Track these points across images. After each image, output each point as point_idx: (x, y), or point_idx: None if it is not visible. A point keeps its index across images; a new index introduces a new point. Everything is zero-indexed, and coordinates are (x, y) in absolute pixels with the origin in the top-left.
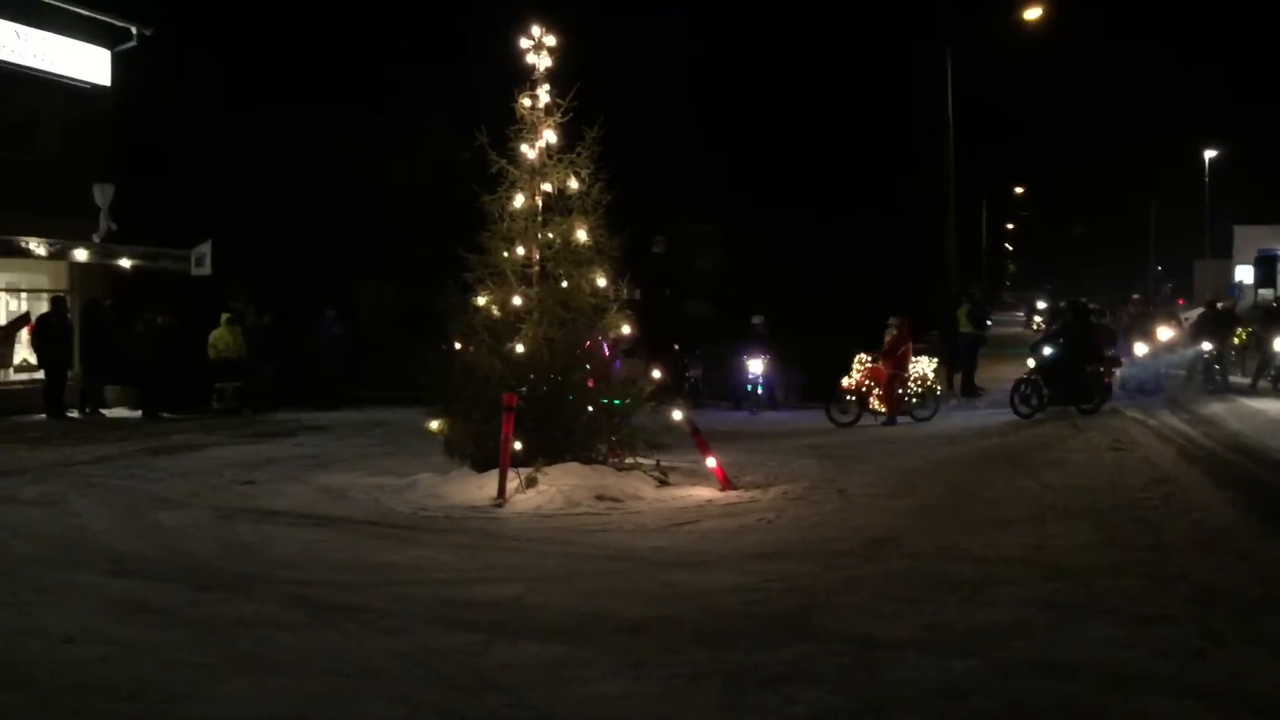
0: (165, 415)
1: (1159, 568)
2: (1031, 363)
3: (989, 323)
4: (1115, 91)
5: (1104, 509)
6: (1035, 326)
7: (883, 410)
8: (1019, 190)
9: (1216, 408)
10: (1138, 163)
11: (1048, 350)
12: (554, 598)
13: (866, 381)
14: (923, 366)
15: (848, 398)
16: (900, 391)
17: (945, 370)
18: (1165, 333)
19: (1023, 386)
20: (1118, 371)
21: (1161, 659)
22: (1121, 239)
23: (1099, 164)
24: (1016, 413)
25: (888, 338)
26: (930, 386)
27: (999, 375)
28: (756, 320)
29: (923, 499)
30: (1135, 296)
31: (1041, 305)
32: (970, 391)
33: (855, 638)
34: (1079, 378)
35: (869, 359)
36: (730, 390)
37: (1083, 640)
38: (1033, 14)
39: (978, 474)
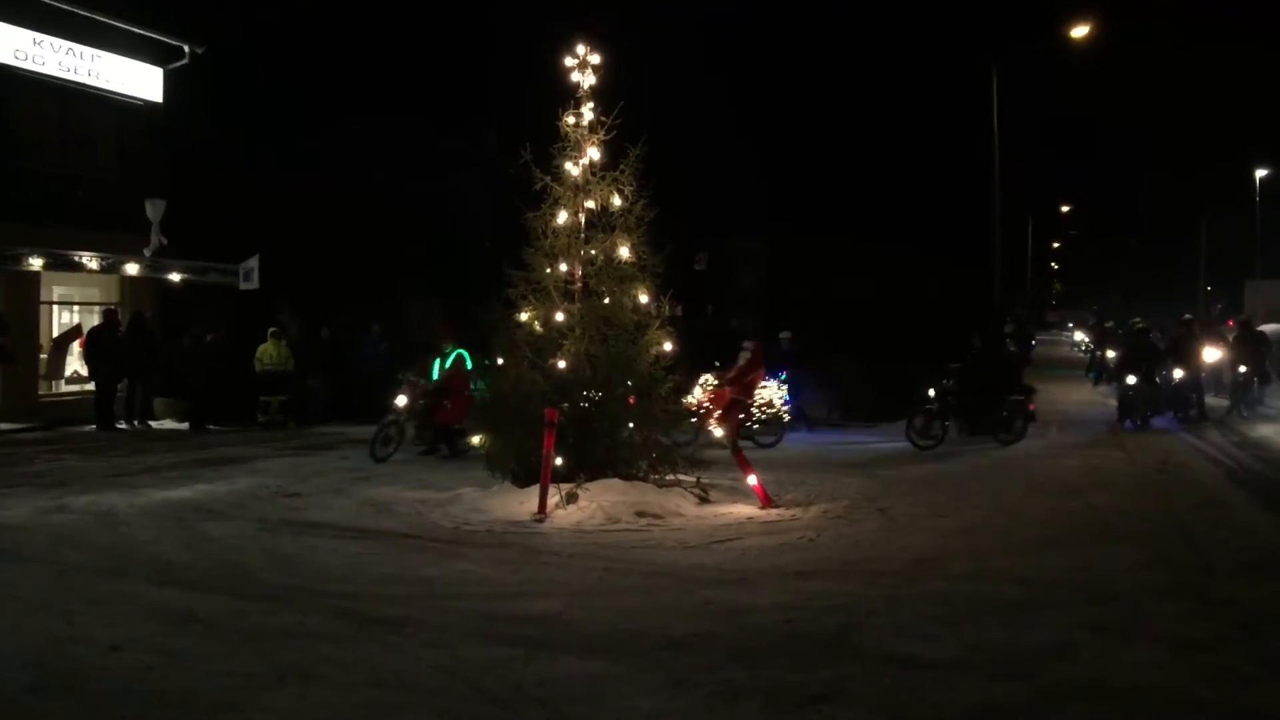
0: (212, 428)
1: (1207, 591)
2: (931, 392)
3: (1033, 342)
4: (1167, 106)
5: (1151, 531)
6: (1084, 349)
7: (720, 434)
8: (1065, 208)
9: (1265, 430)
10: (1189, 181)
11: (948, 381)
12: (594, 613)
13: (707, 404)
14: (770, 393)
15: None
16: (742, 416)
17: None
18: (1212, 354)
19: (919, 418)
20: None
21: (1208, 685)
22: (1171, 258)
23: (1148, 181)
24: (915, 445)
25: (741, 361)
26: (776, 413)
27: (1045, 396)
28: (784, 336)
29: (966, 519)
30: (1186, 317)
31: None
32: None
33: (896, 658)
34: (997, 407)
35: (715, 381)
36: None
37: (1128, 664)
38: (1080, 31)
39: (1023, 494)
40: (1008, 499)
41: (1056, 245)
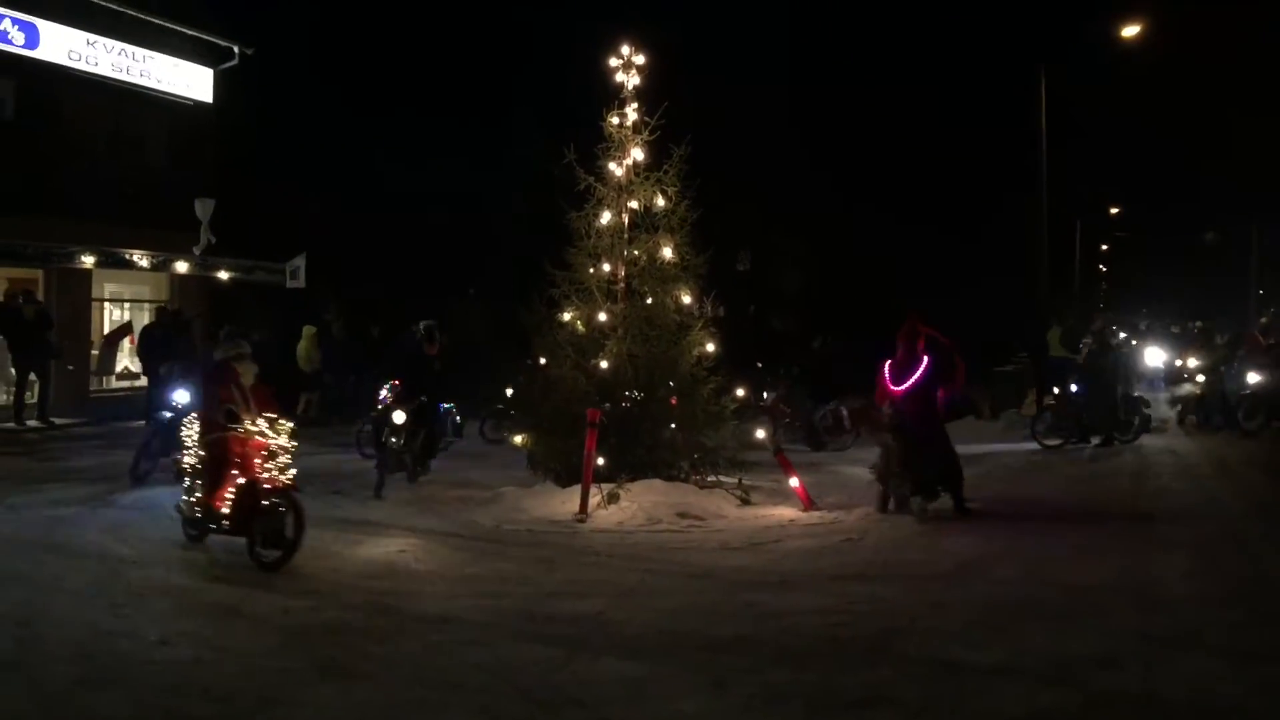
0: None
1: (1261, 601)
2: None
3: (1082, 346)
4: (1218, 107)
5: (1202, 537)
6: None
7: None
8: (1114, 210)
9: None
10: (1240, 183)
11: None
12: (635, 614)
13: None
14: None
15: None
16: None
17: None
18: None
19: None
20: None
21: (1261, 695)
22: (1223, 260)
23: (1198, 184)
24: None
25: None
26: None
27: None
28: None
29: (1011, 522)
30: (1263, 320)
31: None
32: None
33: (939, 663)
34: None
35: None
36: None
37: (1177, 674)
38: (1131, 30)
39: (1068, 498)
40: (1053, 502)
41: (1105, 248)
